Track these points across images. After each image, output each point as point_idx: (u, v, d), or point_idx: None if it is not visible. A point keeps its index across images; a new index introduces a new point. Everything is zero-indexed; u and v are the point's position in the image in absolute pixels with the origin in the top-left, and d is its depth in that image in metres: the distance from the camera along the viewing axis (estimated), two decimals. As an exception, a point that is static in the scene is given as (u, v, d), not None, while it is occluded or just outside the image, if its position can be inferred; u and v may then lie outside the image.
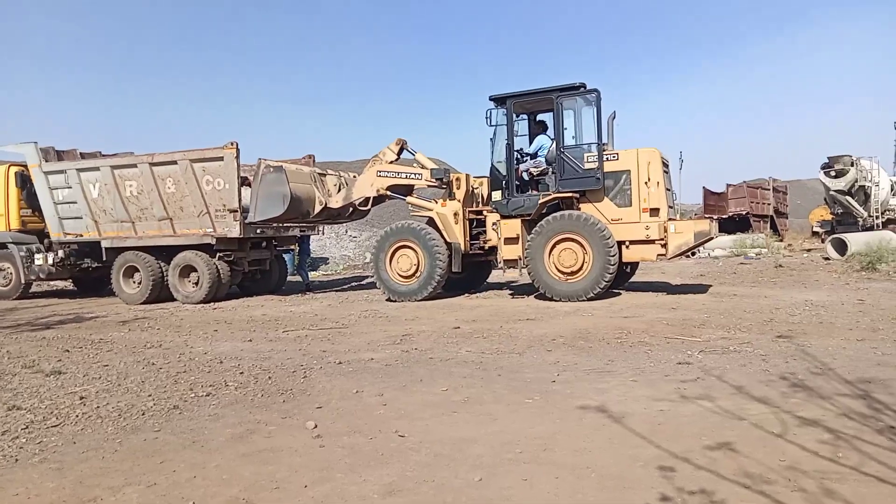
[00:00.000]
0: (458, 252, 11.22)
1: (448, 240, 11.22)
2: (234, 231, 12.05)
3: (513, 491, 3.03)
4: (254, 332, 8.28)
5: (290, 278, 15.61)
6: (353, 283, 16.06)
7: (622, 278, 11.43)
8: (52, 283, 16.09)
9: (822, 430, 3.68)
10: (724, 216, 27.29)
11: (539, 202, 10.52)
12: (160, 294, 12.63)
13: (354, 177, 13.57)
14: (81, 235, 13.42)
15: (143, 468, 3.47)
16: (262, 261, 13.67)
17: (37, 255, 13.84)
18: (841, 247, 16.84)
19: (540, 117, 11.64)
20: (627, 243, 10.23)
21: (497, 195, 11.10)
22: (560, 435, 3.79)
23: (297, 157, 13.97)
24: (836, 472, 3.07)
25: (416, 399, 4.73)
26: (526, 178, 11.08)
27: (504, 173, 11.00)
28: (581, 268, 10.07)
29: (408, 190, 12.43)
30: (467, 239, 11.49)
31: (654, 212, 10.16)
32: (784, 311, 8.32)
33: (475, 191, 12.05)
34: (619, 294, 10.78)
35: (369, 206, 12.81)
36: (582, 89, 10.53)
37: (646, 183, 10.18)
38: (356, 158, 31.00)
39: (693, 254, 18.66)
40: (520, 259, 10.73)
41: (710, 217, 19.37)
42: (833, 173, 23.10)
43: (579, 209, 10.47)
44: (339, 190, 13.32)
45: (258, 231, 12.62)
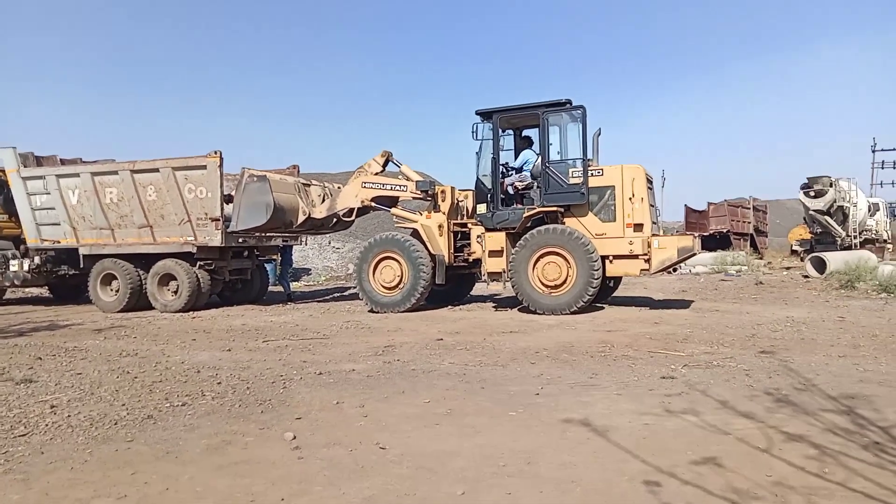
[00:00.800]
0: (441, 264, 11.16)
1: (432, 252, 11.17)
2: (216, 240, 11.89)
3: (496, 505, 2.96)
4: (233, 342, 8.13)
5: (271, 288, 15.45)
6: (335, 294, 15.92)
7: (605, 293, 11.44)
8: (27, 289, 15.79)
9: (807, 445, 3.65)
10: (705, 234, 27.52)
11: (524, 216, 10.52)
12: (138, 302, 12.40)
13: (339, 188, 13.49)
14: (59, 242, 13.17)
15: (113, 479, 3.35)
16: (243, 270, 13.50)
17: (12, 262, 13.57)
18: (820, 265, 17.04)
19: (526, 132, 11.67)
20: (611, 258, 10.25)
21: (482, 208, 11.09)
22: (544, 448, 3.73)
23: (282, 167, 13.88)
24: (823, 488, 3.04)
25: (397, 411, 4.64)
26: (511, 191, 11.08)
27: (489, 187, 10.99)
28: (565, 281, 10.06)
29: (392, 202, 12.37)
30: (451, 251, 11.44)
31: (638, 227, 10.20)
32: (766, 327, 8.35)
33: (460, 203, 12.02)
34: (603, 308, 10.78)
35: (353, 217, 12.73)
36: (568, 105, 10.59)
37: (630, 199, 10.22)
38: (341, 170, 30.94)
39: (675, 270, 18.78)
40: (504, 272, 10.71)
41: (692, 234, 19.52)
42: (812, 193, 23.46)
43: (564, 223, 10.48)
44: (324, 200, 13.23)
45: (240, 240, 12.47)
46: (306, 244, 19.64)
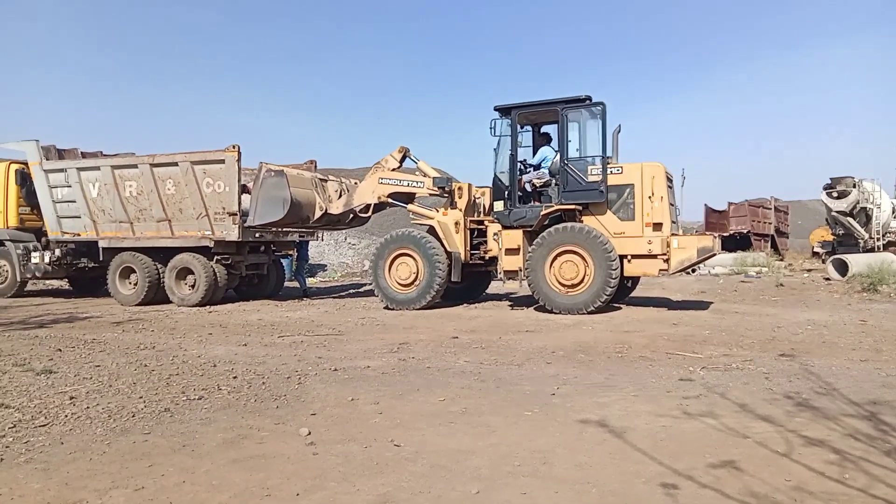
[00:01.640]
0: (457, 261, 11.15)
1: (448, 249, 11.15)
2: (233, 234, 11.97)
3: (511, 505, 2.93)
4: (249, 337, 8.18)
5: (287, 284, 15.52)
6: (350, 291, 15.96)
7: (623, 293, 11.35)
8: (47, 282, 16.00)
9: (828, 450, 3.59)
10: (725, 234, 27.22)
11: (541, 213, 10.46)
12: (156, 296, 12.52)
13: (356, 183, 13.51)
14: (79, 235, 13.34)
15: (131, 471, 3.38)
16: (259, 265, 13.58)
17: (33, 254, 13.75)
18: (842, 267, 16.76)
19: (544, 129, 11.61)
20: (629, 257, 10.17)
21: (499, 205, 11.04)
22: (560, 449, 3.70)
23: (299, 162, 13.93)
24: (843, 494, 2.98)
25: (412, 408, 4.63)
26: (528, 189, 11.03)
27: (507, 184, 10.94)
28: (582, 281, 9.99)
29: (409, 198, 12.36)
30: (468, 248, 11.42)
31: (658, 226, 10.10)
32: (786, 329, 8.24)
33: (477, 201, 12.00)
34: (620, 308, 10.69)
35: (370, 213, 12.75)
36: (588, 102, 10.51)
37: (649, 197, 10.12)
38: (358, 166, 30.98)
39: (693, 270, 18.58)
40: (520, 270, 10.66)
41: (712, 234, 19.31)
42: (835, 194, 23.06)
43: (581, 222, 10.41)
44: (340, 196, 13.25)
45: (257, 235, 12.54)
46: (322, 240, 19.73)
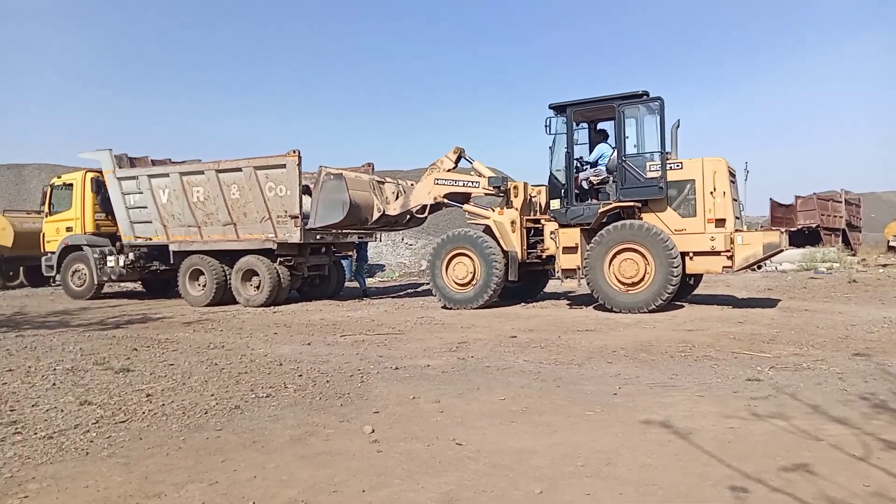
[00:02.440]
0: (514, 260, 11.13)
1: (505, 248, 11.15)
2: (295, 237, 12.28)
3: (575, 505, 2.93)
4: (312, 336, 8.39)
5: (347, 284, 15.81)
6: (408, 290, 16.13)
7: (685, 290, 11.08)
8: (122, 284, 16.75)
9: (909, 455, 3.43)
10: (792, 229, 26.19)
11: (599, 211, 10.33)
12: (223, 297, 12.97)
13: (412, 185, 13.65)
14: (151, 239, 13.93)
15: (205, 466, 3.53)
16: (321, 266, 13.90)
17: (109, 258, 14.42)
18: (921, 262, 15.89)
19: (600, 125, 11.45)
20: (691, 254, 9.93)
21: (556, 204, 10.95)
22: (623, 449, 3.66)
23: (357, 165, 14.16)
24: (927, 501, 2.85)
25: (473, 407, 4.67)
26: (585, 186, 10.90)
27: (563, 182, 10.85)
28: (642, 279, 9.82)
29: (465, 198, 12.41)
30: (524, 247, 11.38)
31: (720, 222, 9.83)
32: (860, 327, 7.89)
33: (533, 199, 11.94)
34: (682, 307, 10.45)
35: (426, 214, 12.86)
36: (645, 97, 10.32)
37: (711, 193, 9.86)
38: (414, 167, 31.25)
39: (759, 267, 17.97)
40: (578, 269, 10.54)
41: (778, 229, 18.63)
42: (913, 185, 21.87)
43: (640, 219, 10.23)
44: (397, 197, 13.42)
45: (318, 237, 12.84)
46: (380, 241, 19.98)
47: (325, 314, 10.96)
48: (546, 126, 10.89)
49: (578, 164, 11.01)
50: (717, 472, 3.26)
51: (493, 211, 11.62)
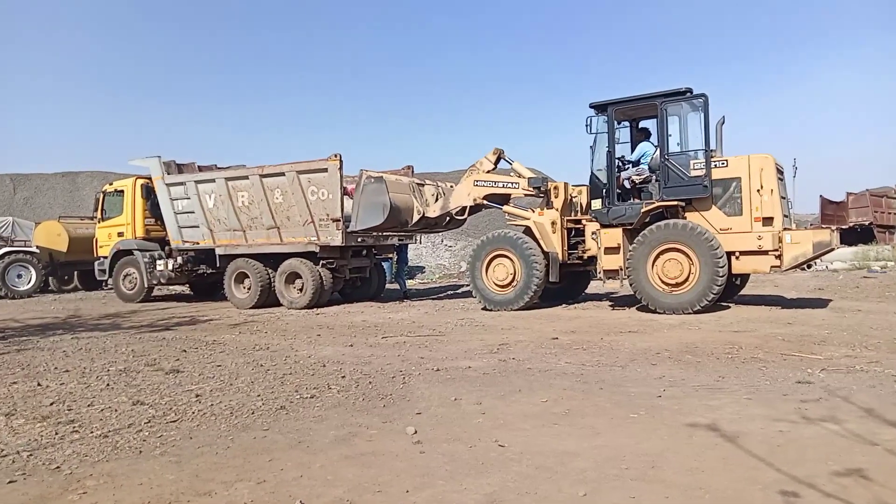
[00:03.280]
0: (555, 261, 11.05)
1: (545, 249, 11.08)
2: (337, 239, 12.45)
3: (619, 508, 2.90)
4: (354, 338, 8.49)
5: (388, 286, 15.95)
6: (448, 292, 16.18)
7: (731, 291, 10.83)
8: (171, 287, 17.23)
9: (972, 461, 3.29)
10: (843, 227, 25.34)
11: (642, 211, 10.19)
12: (267, 299, 13.23)
13: (451, 186, 13.69)
14: (198, 243, 14.30)
15: (253, 465, 3.61)
16: (362, 268, 14.06)
17: (158, 262, 14.87)
18: (984, 260, 15.20)
19: (643, 124, 11.29)
20: (737, 254, 9.71)
21: (597, 204, 10.85)
22: (669, 452, 3.61)
23: (397, 167, 14.27)
24: None
25: (514, 409, 4.66)
26: (627, 186, 10.76)
27: (605, 181, 10.73)
28: (687, 279, 9.64)
29: (505, 199, 12.38)
30: (565, 248, 11.29)
31: (768, 221, 9.58)
32: (918, 329, 7.59)
33: (574, 199, 11.83)
34: (728, 307, 10.22)
35: (466, 216, 12.88)
36: (688, 94, 10.13)
37: (758, 191, 9.63)
38: (453, 169, 31.32)
39: (809, 266, 17.44)
40: (621, 269, 10.42)
41: (829, 227, 18.07)
42: (974, 179, 20.94)
43: (684, 218, 10.05)
44: (437, 199, 13.48)
45: (359, 240, 12.98)
46: (420, 243, 20.08)
47: (367, 316, 11.07)
48: (587, 125, 10.79)
49: (620, 164, 10.88)
50: (766, 476, 3.19)
51: (534, 212, 11.57)
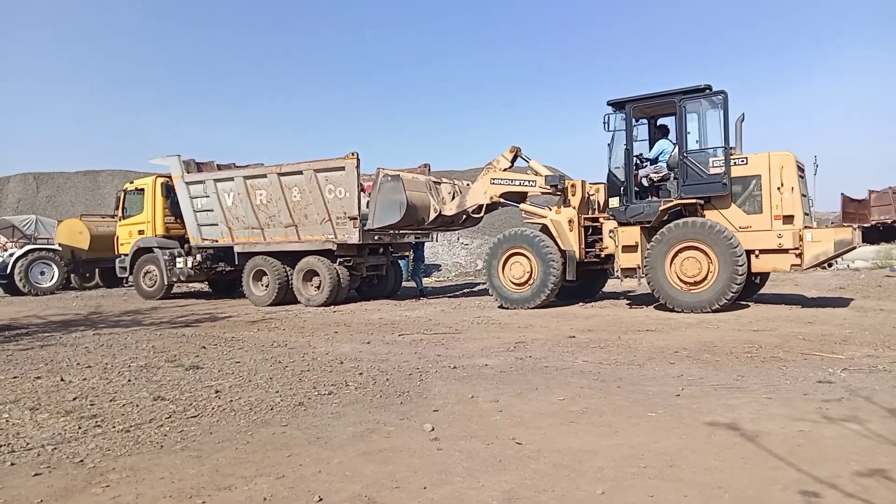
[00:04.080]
0: (572, 260, 11.01)
1: (562, 247, 11.04)
2: (354, 237, 12.49)
3: (638, 507, 2.90)
4: (371, 335, 8.53)
5: (404, 284, 15.98)
6: (464, 290, 16.18)
7: (750, 289, 10.73)
8: (190, 284, 17.40)
9: None
10: (865, 225, 24.98)
11: (660, 209, 10.11)
12: (285, 296, 13.32)
13: (468, 185, 13.69)
14: (217, 241, 14.42)
15: (272, 460, 3.65)
16: (379, 266, 14.11)
17: (178, 259, 15.01)
18: None
19: (661, 121, 11.21)
20: (757, 252, 9.61)
21: (615, 202, 10.78)
22: (687, 451, 3.59)
23: (414, 166, 14.30)
24: None
25: (532, 407, 4.66)
26: (645, 184, 10.68)
27: (622, 179, 10.67)
28: (705, 277, 9.56)
29: (521, 197, 12.36)
30: (582, 246, 11.25)
31: (788, 219, 9.47)
32: (943, 328, 7.47)
33: (591, 197, 11.78)
34: (748, 306, 10.13)
35: (482, 214, 12.87)
36: (707, 91, 10.04)
37: (778, 188, 9.52)
38: (470, 167, 31.32)
39: (830, 265, 17.22)
40: (638, 268, 10.36)
41: (851, 225, 17.82)
42: None
43: (703, 216, 9.96)
44: (453, 198, 13.49)
45: (376, 238, 13.02)
46: (437, 241, 20.10)
47: (384, 313, 11.11)
48: (604, 123, 10.74)
49: (638, 161, 10.82)
50: (786, 476, 3.16)
51: (551, 210, 11.54)
